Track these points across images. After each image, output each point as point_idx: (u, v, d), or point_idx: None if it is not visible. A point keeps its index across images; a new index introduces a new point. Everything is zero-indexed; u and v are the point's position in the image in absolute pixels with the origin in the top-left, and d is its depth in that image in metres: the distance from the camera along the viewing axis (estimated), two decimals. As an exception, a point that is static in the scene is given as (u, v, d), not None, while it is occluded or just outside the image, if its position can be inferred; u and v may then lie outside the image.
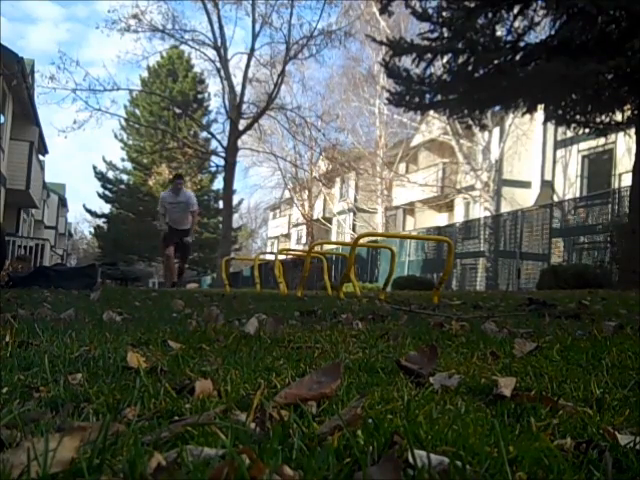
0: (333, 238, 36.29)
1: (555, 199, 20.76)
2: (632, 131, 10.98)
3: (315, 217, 37.71)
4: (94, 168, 38.48)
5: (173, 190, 10.60)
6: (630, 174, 11.53)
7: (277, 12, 24.26)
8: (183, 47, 30.35)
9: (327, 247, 15.92)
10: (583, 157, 21.05)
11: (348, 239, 30.30)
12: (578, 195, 19.39)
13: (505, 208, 23.19)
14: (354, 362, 1.45)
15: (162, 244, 10.72)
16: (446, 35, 10.45)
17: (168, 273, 10.82)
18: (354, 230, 33.58)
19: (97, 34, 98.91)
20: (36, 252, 17.33)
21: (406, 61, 11.12)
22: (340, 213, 37.11)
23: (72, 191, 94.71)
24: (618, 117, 10.71)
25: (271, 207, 49.26)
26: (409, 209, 31.61)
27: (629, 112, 10.36)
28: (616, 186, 16.88)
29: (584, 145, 20.14)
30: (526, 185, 24.86)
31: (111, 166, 38.62)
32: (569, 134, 17.67)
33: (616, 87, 9.66)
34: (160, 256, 37.87)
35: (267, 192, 44.36)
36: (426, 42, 10.72)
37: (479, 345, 1.81)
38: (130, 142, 38.53)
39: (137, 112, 36.96)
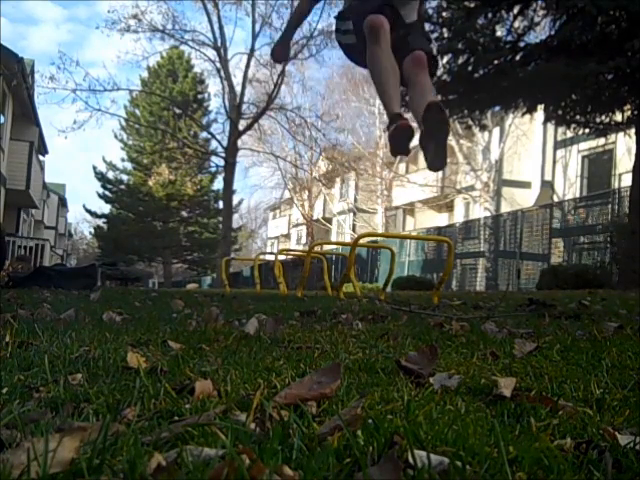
0: (333, 238, 36.29)
1: (555, 199, 20.76)
2: (632, 131, 10.99)
3: (315, 217, 37.72)
4: (94, 168, 38.47)
5: None
6: (630, 174, 11.53)
7: (277, 12, 24.27)
8: (183, 47, 30.43)
9: (327, 247, 15.92)
10: (583, 157, 21.05)
11: (348, 239, 30.29)
12: (578, 195, 19.39)
13: (505, 208, 23.19)
14: (354, 362, 1.45)
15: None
16: (446, 35, 10.46)
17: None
18: (354, 230, 33.57)
19: (97, 35, 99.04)
20: (36, 252, 17.33)
21: (406, 61, 11.12)
22: (340, 213, 37.11)
23: (72, 191, 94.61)
24: (618, 117, 10.72)
25: (271, 207, 49.25)
26: (409, 209, 31.61)
27: (629, 112, 10.36)
28: (616, 186, 16.88)
29: (584, 145, 20.14)
30: (526, 185, 24.85)
31: (111, 166, 38.60)
32: (569, 134, 17.66)
33: (616, 87, 9.66)
34: (160, 256, 38.30)
35: (267, 192, 44.44)
36: (426, 42, 10.72)
37: (479, 345, 1.80)
38: (130, 142, 38.52)
39: (137, 112, 36.95)
